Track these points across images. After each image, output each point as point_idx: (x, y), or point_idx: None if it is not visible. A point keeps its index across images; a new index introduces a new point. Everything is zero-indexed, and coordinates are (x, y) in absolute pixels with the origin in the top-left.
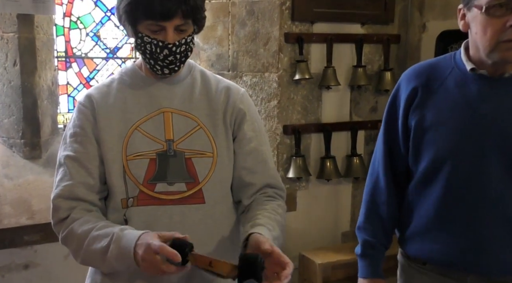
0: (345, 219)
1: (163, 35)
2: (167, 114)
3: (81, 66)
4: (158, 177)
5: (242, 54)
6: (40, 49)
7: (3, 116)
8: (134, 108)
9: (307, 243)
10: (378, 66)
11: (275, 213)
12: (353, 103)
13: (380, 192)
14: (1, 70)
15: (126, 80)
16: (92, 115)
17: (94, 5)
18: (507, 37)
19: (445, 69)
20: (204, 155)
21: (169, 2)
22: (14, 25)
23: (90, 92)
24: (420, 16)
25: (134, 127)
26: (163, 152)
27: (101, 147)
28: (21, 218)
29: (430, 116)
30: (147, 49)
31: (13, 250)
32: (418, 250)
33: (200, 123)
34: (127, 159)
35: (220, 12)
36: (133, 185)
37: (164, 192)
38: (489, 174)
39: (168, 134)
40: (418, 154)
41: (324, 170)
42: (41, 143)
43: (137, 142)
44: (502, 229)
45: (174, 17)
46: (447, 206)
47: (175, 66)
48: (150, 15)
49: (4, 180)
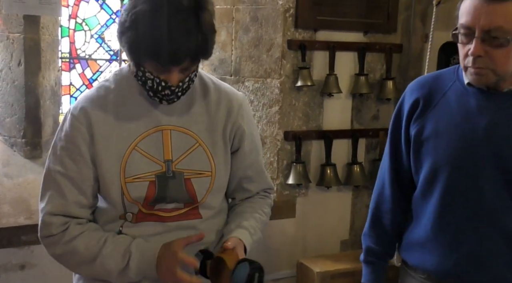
0: (345, 227)
1: (166, 75)
2: (165, 132)
3: (84, 68)
4: (158, 200)
5: (245, 59)
6: (45, 50)
7: (5, 115)
8: (132, 124)
9: (306, 250)
10: (380, 74)
11: (262, 213)
12: (355, 111)
13: (385, 200)
14: (6, 70)
15: (123, 92)
16: (89, 134)
17: (100, 8)
18: (467, 64)
19: (447, 81)
20: (203, 174)
21: (179, 45)
22: (20, 25)
23: (85, 106)
24: (423, 26)
25: (132, 147)
26: (162, 174)
27: (97, 168)
28: (19, 218)
29: (429, 127)
30: (147, 84)
31: (10, 249)
32: (416, 260)
33: (199, 139)
34: (126, 181)
35: (224, 18)
36: (131, 205)
37: (163, 210)
38: (484, 186)
39: (167, 154)
40: (418, 164)
41: (324, 178)
42: (42, 143)
43: (135, 163)
44: (497, 242)
45: (182, 63)
46: (443, 217)
47: (174, 98)
48: (158, 58)
49: (4, 179)
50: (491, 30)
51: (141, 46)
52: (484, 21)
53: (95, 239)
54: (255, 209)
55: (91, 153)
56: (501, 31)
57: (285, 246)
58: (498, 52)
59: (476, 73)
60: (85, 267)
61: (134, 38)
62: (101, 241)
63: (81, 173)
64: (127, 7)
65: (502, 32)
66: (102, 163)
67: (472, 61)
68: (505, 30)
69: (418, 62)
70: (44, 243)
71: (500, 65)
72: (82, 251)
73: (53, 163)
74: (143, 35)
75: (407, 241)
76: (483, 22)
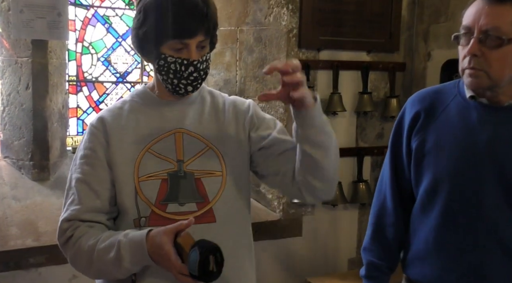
0: (352, 245)
1: (186, 53)
2: (178, 135)
3: (91, 90)
4: (170, 198)
5: (249, 79)
6: (52, 73)
7: (14, 138)
8: (146, 129)
9: (314, 269)
10: (384, 93)
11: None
12: (359, 129)
13: (387, 214)
14: (14, 94)
15: (138, 101)
16: (104, 138)
17: (106, 31)
18: (464, 66)
19: (448, 95)
20: (213, 174)
21: (193, 20)
22: (28, 50)
23: (102, 115)
24: (425, 45)
25: (146, 149)
26: (174, 172)
27: (113, 170)
28: (27, 240)
29: (430, 140)
30: (171, 69)
31: (18, 272)
32: (418, 274)
33: (209, 144)
34: (139, 180)
35: (228, 39)
36: (145, 206)
37: (176, 213)
38: (484, 200)
39: (179, 155)
40: (418, 177)
41: None
42: (50, 165)
43: (148, 163)
44: (498, 255)
45: (198, 34)
46: (444, 231)
47: (197, 83)
48: (175, 34)
49: (12, 202)
50: (488, 30)
51: (159, 29)
52: (483, 21)
53: (94, 236)
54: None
55: (107, 157)
56: (497, 31)
57: (292, 265)
58: (493, 54)
59: (470, 74)
60: (91, 267)
61: (152, 24)
62: (98, 237)
63: (98, 176)
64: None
65: (498, 32)
66: (117, 165)
67: (468, 61)
68: (502, 31)
69: (421, 80)
70: (63, 250)
71: (494, 67)
72: (85, 250)
73: (73, 172)
74: (159, 18)
75: (409, 255)
76: (482, 22)
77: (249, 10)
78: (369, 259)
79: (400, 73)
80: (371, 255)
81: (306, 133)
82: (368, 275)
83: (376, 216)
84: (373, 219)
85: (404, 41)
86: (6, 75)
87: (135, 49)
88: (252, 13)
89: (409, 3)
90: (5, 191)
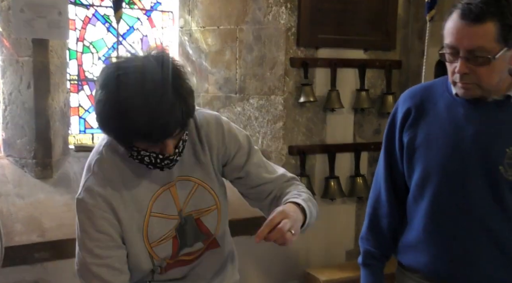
0: (349, 237)
1: (161, 148)
2: (172, 188)
3: (92, 89)
4: (182, 246)
5: (249, 77)
6: (54, 73)
7: (16, 137)
8: (139, 190)
9: (313, 261)
10: (381, 90)
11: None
12: (357, 125)
13: (382, 205)
14: (15, 93)
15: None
16: (114, 217)
17: (107, 31)
18: (455, 80)
19: (437, 92)
20: (209, 210)
21: (167, 120)
22: (29, 49)
23: (94, 189)
24: (420, 43)
25: (148, 214)
26: (179, 225)
27: (126, 245)
28: (32, 236)
29: (421, 135)
30: (144, 161)
31: (23, 267)
32: (410, 260)
33: (196, 180)
34: (151, 246)
35: (228, 38)
36: (161, 262)
37: (187, 254)
38: (471, 190)
39: (178, 206)
40: (410, 170)
41: (329, 190)
42: (53, 163)
43: (155, 227)
44: (485, 242)
45: (174, 133)
46: (434, 220)
47: (175, 163)
48: (149, 138)
49: (16, 199)
50: (474, 50)
51: (130, 131)
52: (467, 43)
53: None
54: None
55: (120, 234)
56: (482, 50)
57: (292, 257)
58: (482, 69)
59: (463, 87)
60: None
61: (120, 125)
62: None
63: (117, 257)
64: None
65: (484, 52)
66: (129, 239)
67: (459, 77)
68: (486, 49)
69: (417, 77)
70: None
71: (484, 80)
72: None
73: (86, 257)
74: (130, 121)
75: (402, 243)
76: (466, 43)
77: (248, 9)
78: (365, 247)
79: (396, 71)
80: (367, 244)
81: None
82: (365, 263)
83: (372, 208)
84: (369, 210)
85: (400, 39)
86: (7, 74)
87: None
88: (251, 12)
89: (404, 2)
90: (8, 189)
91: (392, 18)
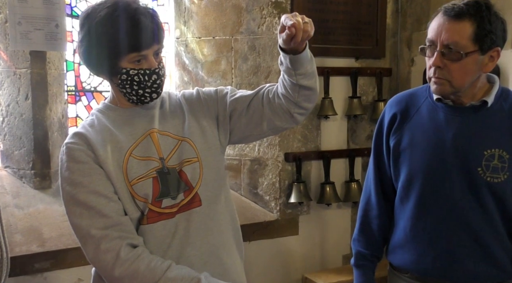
0: (346, 242)
1: (145, 63)
2: (153, 135)
3: (90, 100)
4: (163, 194)
5: (244, 86)
6: (51, 84)
7: (14, 148)
8: (122, 137)
9: (310, 266)
10: (372, 97)
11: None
12: (350, 131)
13: (372, 207)
14: (13, 104)
15: (104, 117)
16: (91, 150)
17: None
18: (430, 75)
19: (420, 98)
20: (190, 161)
21: (147, 32)
22: (27, 61)
23: (78, 131)
24: (409, 51)
25: (128, 155)
26: (161, 170)
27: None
28: (31, 246)
29: (405, 139)
30: (134, 81)
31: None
32: (399, 260)
33: (179, 137)
34: (131, 184)
35: (223, 48)
36: (143, 205)
37: (169, 206)
38: (453, 190)
39: (159, 153)
40: (397, 172)
41: (324, 195)
42: (51, 173)
43: (134, 167)
44: (468, 240)
45: (153, 44)
46: (419, 219)
47: (160, 89)
48: (133, 48)
49: (15, 210)
50: (449, 44)
51: (116, 45)
52: (444, 36)
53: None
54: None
55: (99, 165)
56: (456, 46)
57: (290, 262)
58: (455, 66)
59: (435, 82)
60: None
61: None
62: (164, 265)
63: (100, 181)
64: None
65: (458, 47)
66: (110, 174)
67: (433, 71)
68: (460, 45)
69: (406, 84)
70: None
71: (455, 77)
72: (143, 272)
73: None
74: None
75: (391, 244)
76: (443, 37)
77: (242, 20)
78: (357, 249)
79: (386, 78)
80: (359, 246)
81: (304, 69)
82: (357, 264)
83: (363, 210)
84: (360, 213)
85: (390, 47)
86: (4, 86)
87: (90, 69)
88: (245, 23)
89: (393, 12)
90: (7, 200)
91: (381, 27)
